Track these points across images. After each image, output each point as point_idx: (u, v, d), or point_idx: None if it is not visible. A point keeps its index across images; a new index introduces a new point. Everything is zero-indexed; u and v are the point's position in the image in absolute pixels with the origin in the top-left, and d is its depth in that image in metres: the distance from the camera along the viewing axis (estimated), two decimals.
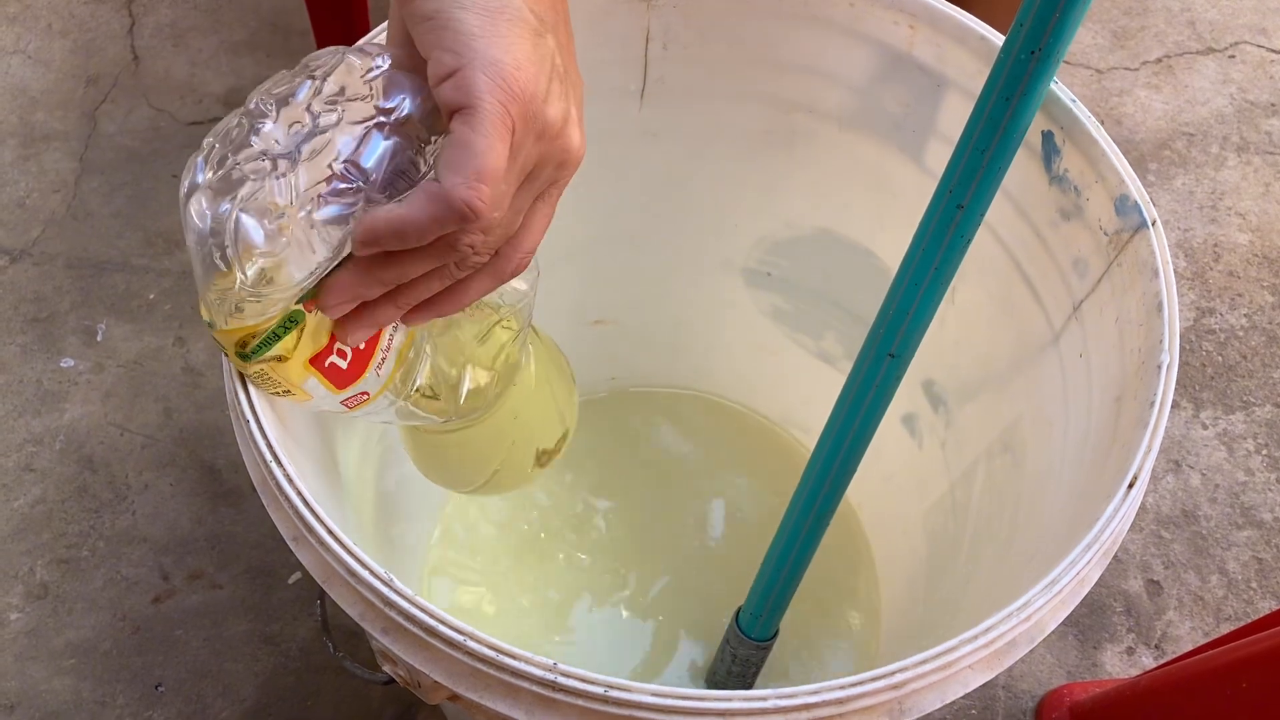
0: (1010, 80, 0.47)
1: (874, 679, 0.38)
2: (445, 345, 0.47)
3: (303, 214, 0.34)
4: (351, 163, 0.34)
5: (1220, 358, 1.03)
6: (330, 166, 0.34)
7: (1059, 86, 0.52)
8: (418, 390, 0.46)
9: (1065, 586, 0.41)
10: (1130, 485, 0.43)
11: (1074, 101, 0.52)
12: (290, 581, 0.87)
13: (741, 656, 0.68)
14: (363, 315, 0.40)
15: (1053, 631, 0.42)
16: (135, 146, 1.11)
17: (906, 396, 0.72)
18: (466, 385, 0.48)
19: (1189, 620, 0.89)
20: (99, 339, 0.99)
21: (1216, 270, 1.09)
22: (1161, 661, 0.85)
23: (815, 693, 0.37)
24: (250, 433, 0.43)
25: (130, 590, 0.86)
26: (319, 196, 0.34)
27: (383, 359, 0.42)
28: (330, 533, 0.41)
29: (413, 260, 0.37)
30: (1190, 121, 1.20)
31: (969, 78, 0.56)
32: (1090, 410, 0.52)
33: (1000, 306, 0.61)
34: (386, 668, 0.46)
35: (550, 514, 0.82)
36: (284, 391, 0.40)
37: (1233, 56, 1.26)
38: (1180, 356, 0.44)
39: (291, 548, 0.43)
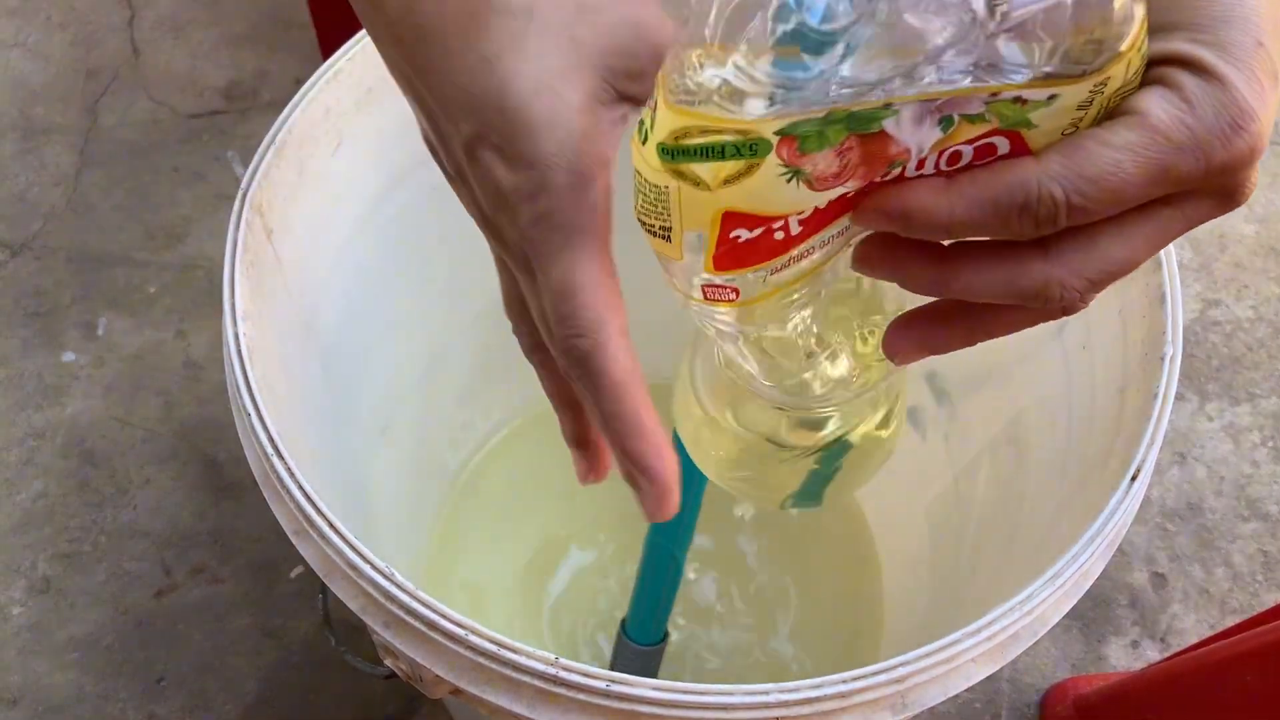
0: None
1: (876, 673, 0.38)
2: (826, 315, 0.38)
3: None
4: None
5: (1226, 349, 1.03)
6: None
7: None
8: (777, 335, 0.38)
9: (1068, 579, 0.41)
10: (1134, 477, 0.43)
11: None
12: (292, 575, 0.87)
13: (622, 665, 0.63)
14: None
15: (1057, 624, 0.42)
16: (136, 140, 1.11)
17: (909, 389, 0.72)
18: (806, 364, 0.39)
19: (1194, 613, 0.89)
20: (100, 333, 0.99)
21: (1222, 261, 1.08)
22: (1166, 654, 0.85)
23: (817, 687, 0.37)
24: (252, 426, 0.43)
25: (132, 584, 0.86)
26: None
27: (782, 266, 0.32)
28: (332, 526, 0.41)
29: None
30: None
31: None
32: (1093, 402, 0.52)
33: None
34: (388, 662, 0.45)
35: (549, 509, 0.82)
36: (661, 230, 0.30)
37: None
38: (1185, 348, 0.44)
39: (293, 541, 0.43)
